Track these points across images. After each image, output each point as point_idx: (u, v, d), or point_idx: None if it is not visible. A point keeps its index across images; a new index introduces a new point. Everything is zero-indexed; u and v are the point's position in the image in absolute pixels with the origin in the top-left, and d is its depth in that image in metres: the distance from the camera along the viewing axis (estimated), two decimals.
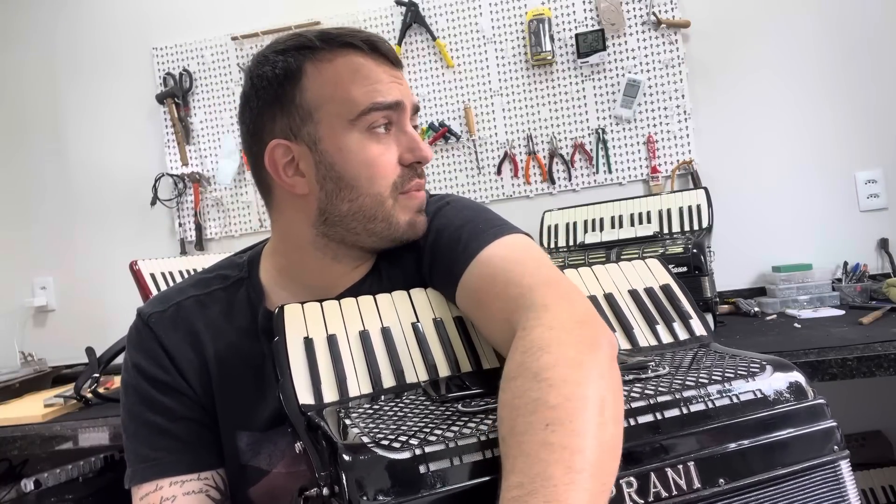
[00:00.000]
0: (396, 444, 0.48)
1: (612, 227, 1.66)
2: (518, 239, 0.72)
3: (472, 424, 0.51)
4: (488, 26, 1.96)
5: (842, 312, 1.45)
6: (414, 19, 1.97)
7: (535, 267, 0.65)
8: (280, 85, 0.71)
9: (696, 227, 1.56)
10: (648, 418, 0.50)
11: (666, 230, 1.58)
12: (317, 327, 0.67)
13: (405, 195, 0.73)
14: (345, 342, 0.67)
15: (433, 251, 0.75)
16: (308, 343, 0.65)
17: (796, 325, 1.37)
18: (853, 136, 1.79)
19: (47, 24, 2.18)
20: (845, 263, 1.73)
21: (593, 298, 0.74)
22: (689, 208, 1.60)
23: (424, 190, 0.77)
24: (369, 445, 0.48)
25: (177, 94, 2.08)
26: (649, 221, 1.62)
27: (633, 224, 1.64)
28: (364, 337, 0.67)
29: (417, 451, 0.47)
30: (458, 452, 0.47)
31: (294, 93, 0.71)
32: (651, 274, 0.78)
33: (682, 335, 0.70)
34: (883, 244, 1.77)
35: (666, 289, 0.76)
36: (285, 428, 0.71)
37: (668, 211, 1.61)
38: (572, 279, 0.77)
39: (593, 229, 1.67)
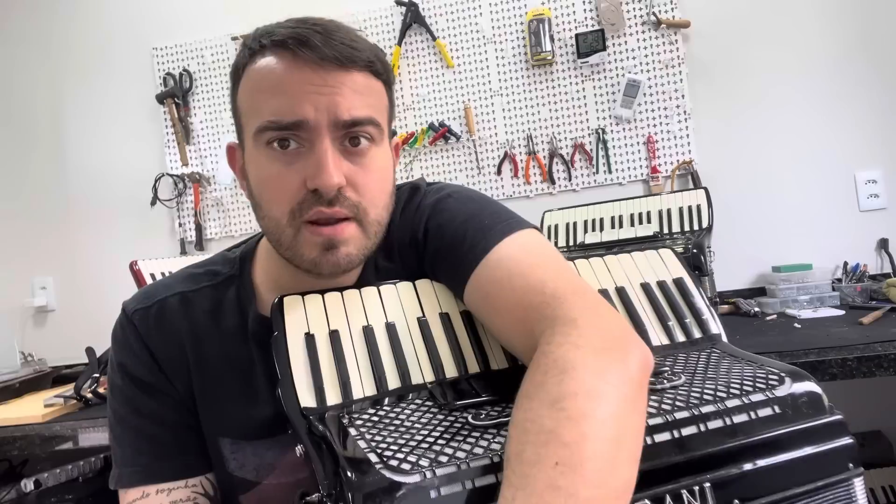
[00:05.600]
0: (406, 466, 0.46)
1: (612, 227, 1.66)
2: (529, 236, 0.67)
3: (484, 442, 0.49)
4: (488, 26, 1.96)
5: (842, 312, 1.45)
6: (414, 19, 1.97)
7: (556, 272, 0.61)
8: (231, 82, 0.69)
9: (696, 227, 1.56)
10: (666, 437, 0.48)
11: (666, 230, 1.58)
12: (318, 322, 0.64)
13: (309, 227, 0.63)
14: (348, 339, 0.63)
15: (436, 249, 0.70)
16: (309, 340, 0.62)
17: (796, 325, 1.37)
18: (853, 136, 1.79)
19: (47, 25, 2.17)
20: (845, 263, 1.73)
21: (604, 292, 0.72)
22: (689, 208, 1.59)
23: (356, 220, 0.65)
24: (377, 465, 0.46)
25: (177, 94, 2.08)
26: (649, 221, 1.62)
27: (633, 224, 1.64)
28: (368, 333, 0.64)
29: (428, 475, 0.45)
30: (470, 476, 0.45)
31: (236, 94, 0.68)
32: (664, 266, 0.75)
33: (696, 333, 0.68)
34: (883, 244, 1.77)
35: (679, 283, 0.73)
36: (272, 440, 0.69)
37: (668, 211, 1.61)
38: (583, 270, 0.74)
39: (593, 229, 1.67)
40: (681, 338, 0.68)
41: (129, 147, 2.14)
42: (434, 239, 0.70)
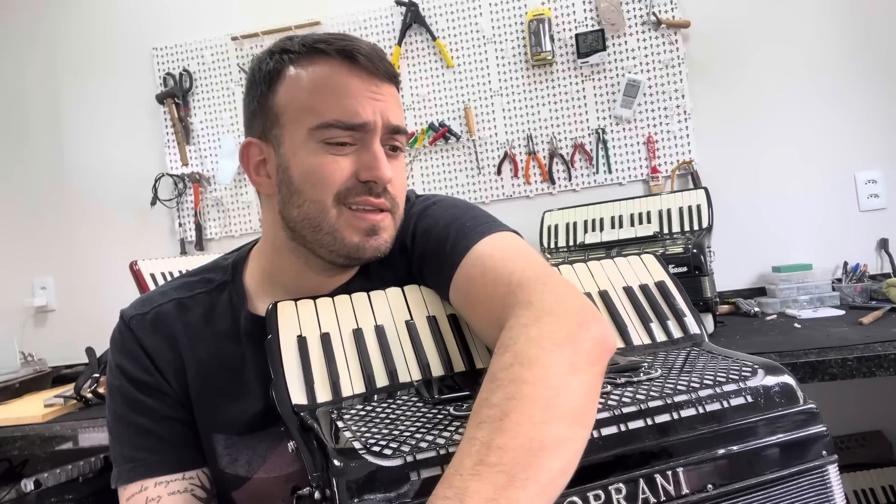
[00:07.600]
0: (388, 451, 0.48)
1: (612, 227, 1.66)
2: (506, 237, 0.71)
3: (463, 429, 0.50)
4: (488, 26, 1.96)
5: (842, 312, 1.45)
6: (414, 19, 1.97)
7: (524, 264, 0.64)
8: (263, 85, 0.72)
9: (696, 227, 1.56)
10: (639, 424, 0.50)
11: (666, 230, 1.58)
12: (310, 325, 0.67)
13: (353, 214, 0.69)
14: (338, 341, 0.66)
15: (422, 252, 0.74)
16: (301, 341, 0.65)
17: (796, 325, 1.37)
18: (853, 136, 1.79)
19: (47, 25, 2.18)
20: (845, 263, 1.73)
21: (588, 296, 0.73)
22: (689, 208, 1.59)
23: (391, 212, 0.72)
24: (361, 452, 0.48)
25: (177, 94, 2.08)
26: (649, 221, 1.62)
27: (633, 224, 1.64)
28: (358, 335, 0.67)
29: (409, 458, 0.47)
30: (449, 459, 0.47)
31: (271, 95, 0.71)
32: (647, 271, 0.78)
33: (677, 333, 0.70)
34: (883, 244, 1.77)
35: (661, 286, 0.75)
36: (264, 432, 0.71)
37: (668, 211, 1.61)
38: (567, 275, 0.76)
39: (593, 229, 1.67)
40: (662, 338, 0.70)
41: (129, 147, 2.14)
42: (420, 243, 0.75)
